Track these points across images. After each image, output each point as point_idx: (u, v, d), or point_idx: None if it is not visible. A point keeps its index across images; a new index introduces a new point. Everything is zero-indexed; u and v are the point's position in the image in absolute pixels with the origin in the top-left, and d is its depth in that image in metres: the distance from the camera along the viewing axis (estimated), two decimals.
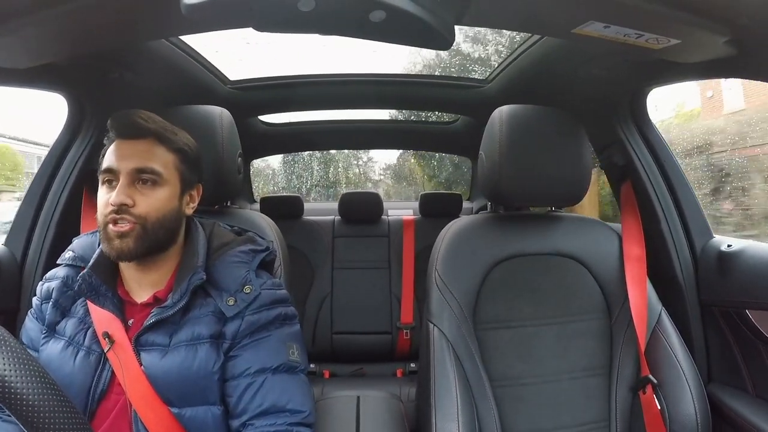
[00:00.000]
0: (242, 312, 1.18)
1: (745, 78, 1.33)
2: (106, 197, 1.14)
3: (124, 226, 1.12)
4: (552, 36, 1.46)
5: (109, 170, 1.16)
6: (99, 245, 1.21)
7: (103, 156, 1.19)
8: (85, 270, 1.18)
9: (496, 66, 2.22)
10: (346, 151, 7.36)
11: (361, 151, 7.59)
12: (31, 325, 1.25)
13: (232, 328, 1.17)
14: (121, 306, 1.20)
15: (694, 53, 1.14)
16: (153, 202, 1.16)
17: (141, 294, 1.22)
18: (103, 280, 1.18)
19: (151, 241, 1.16)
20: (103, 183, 1.17)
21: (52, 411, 0.84)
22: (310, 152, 6.66)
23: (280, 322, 1.22)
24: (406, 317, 2.86)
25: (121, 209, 1.12)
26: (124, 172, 1.14)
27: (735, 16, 0.98)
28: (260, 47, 2.08)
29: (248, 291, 1.20)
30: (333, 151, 7.07)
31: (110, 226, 1.13)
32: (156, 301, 1.19)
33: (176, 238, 1.25)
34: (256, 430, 1.11)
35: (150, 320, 1.14)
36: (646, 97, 1.77)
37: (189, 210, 1.29)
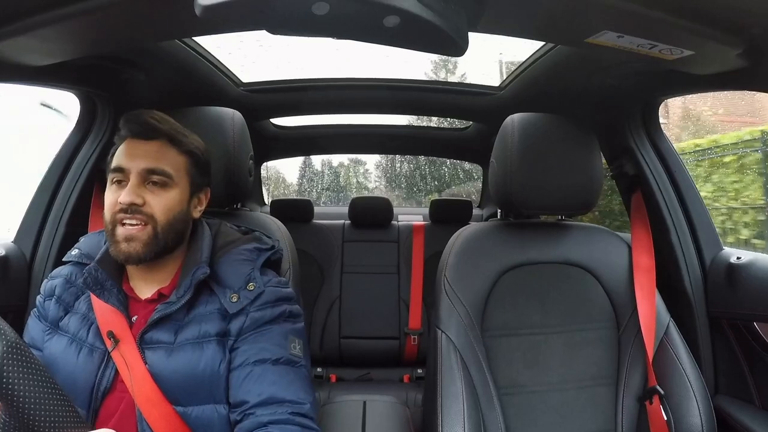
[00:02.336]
0: (246, 309, 1.18)
1: (758, 90, 1.33)
2: (114, 196, 1.14)
3: (133, 228, 1.13)
4: (566, 45, 1.46)
5: (119, 169, 1.15)
6: (106, 242, 1.21)
7: (113, 155, 1.19)
8: (91, 264, 1.18)
9: (510, 73, 2.22)
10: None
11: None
12: (33, 325, 1.24)
13: (237, 325, 1.17)
14: (126, 302, 1.19)
15: (706, 65, 1.13)
16: (163, 203, 1.16)
17: (146, 291, 1.22)
18: (108, 275, 1.18)
19: (160, 246, 1.17)
20: (112, 182, 1.17)
21: (49, 408, 0.84)
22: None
23: (284, 318, 1.22)
24: (414, 323, 2.85)
25: (131, 208, 1.12)
26: (135, 171, 1.14)
27: (748, 28, 0.98)
28: (273, 50, 2.08)
29: (252, 288, 1.20)
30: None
31: (118, 227, 1.13)
32: (160, 297, 1.19)
33: (183, 240, 1.26)
34: (257, 419, 1.08)
35: (154, 316, 1.14)
36: (658, 107, 1.77)
37: (197, 213, 1.29)
